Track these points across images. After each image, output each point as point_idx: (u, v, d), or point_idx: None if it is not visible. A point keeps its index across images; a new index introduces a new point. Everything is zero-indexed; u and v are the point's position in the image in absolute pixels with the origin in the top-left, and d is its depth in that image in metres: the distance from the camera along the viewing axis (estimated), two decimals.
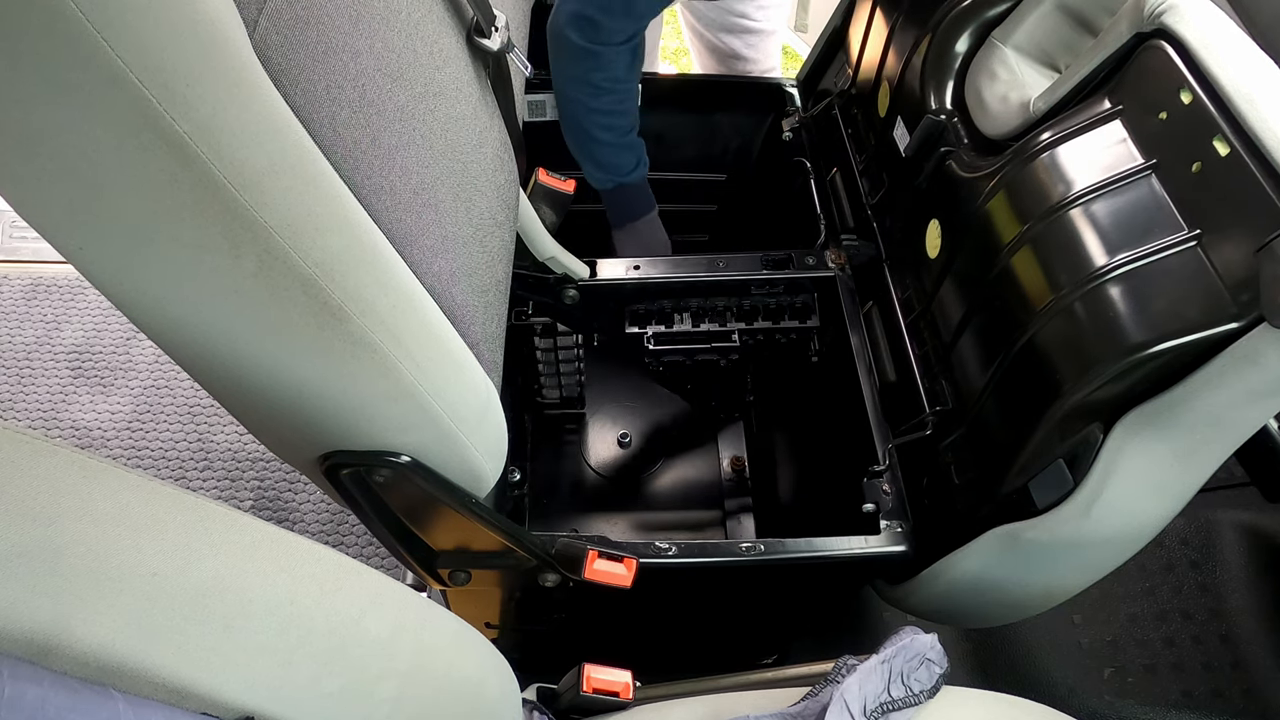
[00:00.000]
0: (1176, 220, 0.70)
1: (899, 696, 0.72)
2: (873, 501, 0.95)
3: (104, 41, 0.39)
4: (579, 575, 0.83)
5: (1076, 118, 0.79)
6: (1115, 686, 1.23)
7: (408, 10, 0.68)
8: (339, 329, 0.53)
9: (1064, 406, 0.73)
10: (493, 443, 0.73)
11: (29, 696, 0.30)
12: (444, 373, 0.64)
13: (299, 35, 0.53)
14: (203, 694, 0.40)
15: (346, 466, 0.64)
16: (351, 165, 0.56)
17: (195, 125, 0.43)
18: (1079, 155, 0.78)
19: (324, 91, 0.54)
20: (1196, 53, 0.69)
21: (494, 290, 0.79)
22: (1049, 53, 0.93)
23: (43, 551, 0.36)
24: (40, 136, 0.42)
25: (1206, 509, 1.32)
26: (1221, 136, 0.66)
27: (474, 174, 0.76)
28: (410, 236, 0.62)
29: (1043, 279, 0.78)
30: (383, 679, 0.52)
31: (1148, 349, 0.67)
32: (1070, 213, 0.76)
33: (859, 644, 0.86)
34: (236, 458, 1.55)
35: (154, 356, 1.65)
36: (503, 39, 0.82)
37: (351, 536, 1.48)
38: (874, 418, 0.99)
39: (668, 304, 1.11)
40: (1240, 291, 0.63)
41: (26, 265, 1.75)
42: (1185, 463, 0.72)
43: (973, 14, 0.96)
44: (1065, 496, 0.76)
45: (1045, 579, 0.86)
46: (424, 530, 0.78)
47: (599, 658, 0.79)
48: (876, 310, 1.06)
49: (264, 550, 0.47)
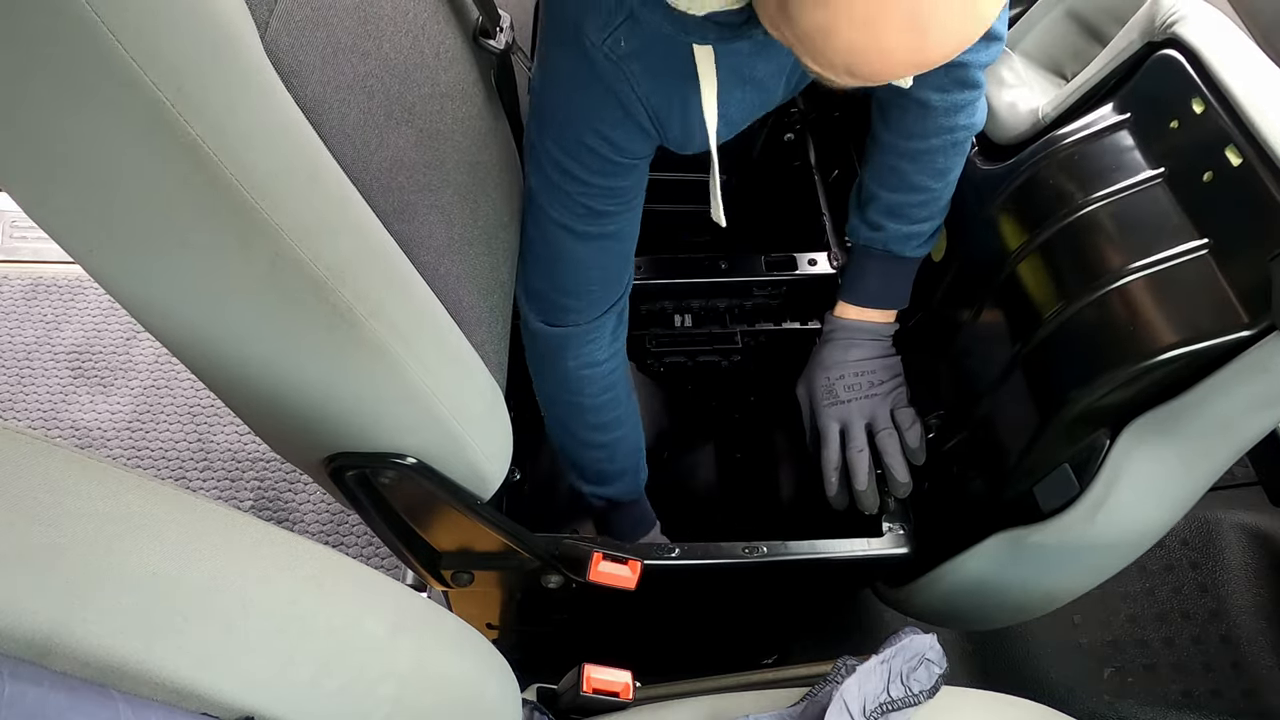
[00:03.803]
0: (1187, 228, 0.69)
1: (898, 697, 0.72)
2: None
3: (118, 43, 0.38)
4: (583, 577, 0.83)
5: (1086, 125, 0.79)
6: (1115, 686, 1.23)
7: (414, 11, 0.68)
8: (348, 331, 0.53)
9: (1072, 412, 0.73)
10: (498, 445, 0.73)
11: (29, 696, 0.30)
12: (451, 375, 0.64)
13: (308, 36, 0.53)
14: (203, 694, 0.40)
15: (352, 468, 0.64)
16: (360, 167, 0.56)
17: (208, 127, 0.42)
18: (1088, 162, 0.78)
19: (333, 93, 0.54)
20: (1208, 62, 0.69)
21: (500, 292, 0.79)
22: (1057, 60, 0.93)
23: (43, 551, 0.36)
24: (52, 139, 0.42)
25: (1207, 509, 1.32)
26: (1234, 146, 0.66)
27: (480, 175, 0.76)
28: (418, 238, 0.62)
29: (1051, 285, 0.78)
30: (382, 679, 0.52)
31: (1157, 356, 0.67)
32: (1080, 219, 0.76)
33: (859, 644, 0.86)
34: (236, 458, 1.55)
35: (154, 356, 1.65)
36: (507, 39, 0.82)
37: (352, 536, 1.48)
38: None
39: (669, 305, 1.11)
40: (1251, 300, 0.64)
41: (26, 265, 1.74)
42: (1191, 468, 0.72)
43: None
44: (1071, 501, 0.76)
45: (1048, 582, 0.86)
46: (428, 531, 0.78)
47: (599, 658, 0.79)
48: None
49: (264, 550, 0.47)
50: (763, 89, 0.76)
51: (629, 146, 0.75)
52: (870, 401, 0.94)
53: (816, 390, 0.96)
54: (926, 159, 0.87)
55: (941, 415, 0.93)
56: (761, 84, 0.76)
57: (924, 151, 0.86)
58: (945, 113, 0.84)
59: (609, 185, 0.78)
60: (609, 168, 0.76)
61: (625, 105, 0.72)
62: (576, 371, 0.88)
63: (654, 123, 0.74)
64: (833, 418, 0.95)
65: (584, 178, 0.77)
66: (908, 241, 0.91)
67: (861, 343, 0.96)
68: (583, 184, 0.77)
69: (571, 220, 0.80)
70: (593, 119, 0.73)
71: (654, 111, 0.73)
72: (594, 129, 0.74)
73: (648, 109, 0.72)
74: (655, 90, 0.71)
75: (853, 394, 0.95)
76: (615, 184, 0.78)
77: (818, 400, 0.96)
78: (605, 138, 0.74)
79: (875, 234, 0.92)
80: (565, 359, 0.88)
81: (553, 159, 0.77)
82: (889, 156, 0.89)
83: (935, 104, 0.83)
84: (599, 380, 0.90)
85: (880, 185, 0.90)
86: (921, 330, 0.99)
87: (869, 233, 0.93)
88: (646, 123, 0.73)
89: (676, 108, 0.73)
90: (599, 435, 0.93)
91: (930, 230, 0.92)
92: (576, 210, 0.79)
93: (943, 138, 0.85)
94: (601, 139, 0.74)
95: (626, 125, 0.73)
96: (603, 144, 0.74)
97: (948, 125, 0.84)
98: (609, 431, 0.94)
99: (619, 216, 0.82)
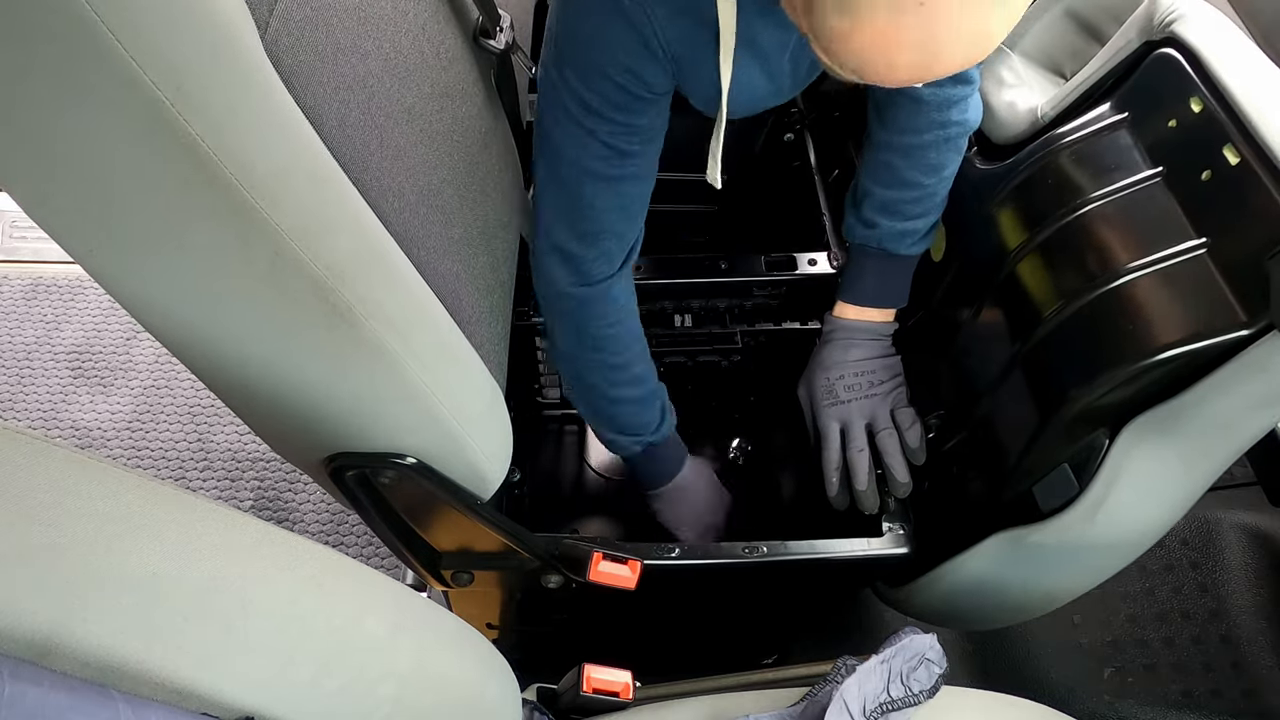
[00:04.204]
0: (1185, 227, 0.69)
1: (898, 696, 0.72)
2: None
3: (118, 43, 0.38)
4: (583, 577, 0.83)
5: (1084, 124, 0.79)
6: (1115, 686, 1.23)
7: (414, 11, 0.68)
8: (347, 331, 0.53)
9: (1071, 411, 0.73)
10: (498, 444, 0.73)
11: (29, 696, 0.30)
12: (450, 374, 0.64)
13: (308, 36, 0.53)
14: (203, 694, 0.40)
15: (352, 468, 0.64)
16: (360, 166, 0.56)
17: (208, 127, 0.42)
18: (1087, 162, 0.78)
19: (333, 93, 0.54)
20: (1207, 61, 0.69)
21: (499, 291, 0.79)
22: (1056, 59, 0.93)
23: (43, 551, 0.36)
24: (52, 138, 0.42)
25: (1206, 509, 1.32)
26: (1232, 145, 0.66)
27: (480, 175, 0.76)
28: (418, 238, 0.62)
29: (1050, 284, 0.78)
30: (382, 679, 0.52)
31: (1156, 355, 0.67)
32: (1078, 218, 0.76)
33: (859, 644, 0.86)
34: (236, 458, 1.55)
35: (154, 356, 1.65)
36: (507, 39, 0.82)
37: (351, 536, 1.48)
38: None
39: (669, 305, 1.11)
40: (1249, 299, 0.63)
41: (26, 265, 1.74)
42: (1191, 468, 0.72)
43: None
44: (1070, 501, 0.76)
45: (1048, 582, 0.86)
46: (428, 531, 0.78)
47: (599, 658, 0.79)
48: None
49: (264, 550, 0.47)
50: (765, 62, 0.76)
51: (651, 80, 0.74)
52: (870, 401, 0.94)
53: (816, 390, 0.96)
54: (919, 154, 0.87)
55: (941, 415, 0.93)
56: (765, 56, 0.75)
57: (916, 146, 0.86)
58: (937, 107, 0.84)
59: (629, 122, 0.77)
60: (630, 102, 0.75)
61: (646, 42, 0.72)
62: (601, 331, 0.88)
63: (672, 65, 0.74)
64: (833, 418, 0.95)
65: (604, 112, 0.76)
66: (903, 239, 0.91)
67: (861, 343, 0.96)
68: (603, 119, 0.76)
69: (591, 161, 0.79)
70: (615, 49, 0.72)
71: (673, 55, 0.73)
72: (616, 59, 0.73)
73: (666, 51, 0.72)
74: (676, 35, 0.71)
75: (853, 394, 0.95)
76: (635, 121, 0.77)
77: (818, 400, 0.96)
78: (628, 68, 0.73)
79: (870, 231, 0.92)
80: (590, 320, 0.87)
81: (573, 91, 0.75)
82: (882, 153, 0.89)
83: (927, 99, 0.83)
84: (624, 337, 0.89)
85: (874, 181, 0.91)
86: (921, 330, 0.99)
87: (864, 230, 0.93)
88: (666, 62, 0.73)
89: (694, 57, 0.73)
90: (630, 390, 0.93)
91: (925, 228, 0.91)
92: (596, 151, 0.78)
93: (935, 133, 0.85)
94: (623, 70, 0.73)
95: (646, 58, 0.73)
96: (624, 74, 0.73)
97: (940, 120, 0.84)
98: (640, 385, 0.93)
99: (638, 158, 0.80)
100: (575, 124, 0.77)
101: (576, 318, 0.87)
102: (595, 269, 0.85)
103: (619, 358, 0.90)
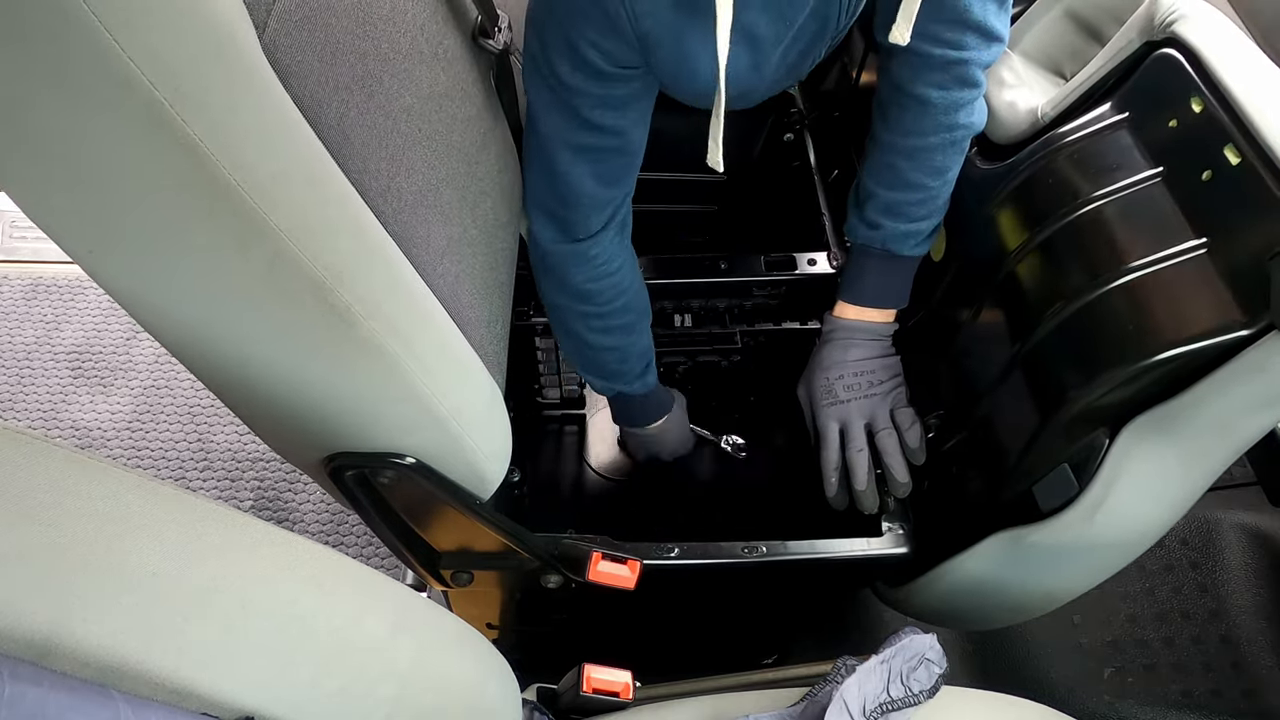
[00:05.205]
0: (1185, 227, 0.69)
1: (898, 696, 0.72)
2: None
3: (116, 43, 0.38)
4: (582, 577, 0.83)
5: (1085, 124, 0.79)
6: (1115, 686, 1.23)
7: (413, 11, 0.68)
8: (346, 331, 0.53)
9: (1071, 411, 0.73)
10: (497, 444, 0.73)
11: (29, 696, 0.30)
12: (450, 375, 0.64)
13: (307, 36, 0.53)
14: (203, 694, 0.40)
15: (351, 468, 0.64)
16: (359, 167, 0.56)
17: (207, 127, 0.42)
18: (1087, 162, 0.78)
19: (332, 93, 0.54)
20: (1208, 61, 0.69)
21: (499, 292, 0.79)
22: (1056, 60, 0.93)
23: (43, 551, 0.36)
24: (51, 139, 0.41)
25: (1206, 509, 1.32)
26: (1233, 145, 0.66)
27: (479, 175, 0.76)
28: (417, 239, 0.62)
29: (1050, 284, 0.78)
30: (382, 679, 0.52)
31: (1156, 355, 0.67)
32: (1078, 218, 0.76)
33: (859, 644, 0.86)
34: (236, 458, 1.55)
35: (154, 356, 1.65)
36: (506, 39, 0.82)
37: (351, 536, 1.48)
38: None
39: (669, 305, 1.11)
40: (1249, 299, 0.63)
41: (26, 265, 1.75)
42: (1191, 468, 0.72)
43: None
44: (1070, 501, 0.76)
45: (1047, 582, 0.86)
46: (427, 531, 0.78)
47: (599, 658, 0.79)
48: None
49: (264, 550, 0.47)
50: (756, 51, 0.75)
51: (619, 56, 0.74)
52: (870, 401, 0.94)
53: (816, 390, 0.96)
54: (924, 156, 0.87)
55: (941, 415, 0.93)
56: (758, 45, 0.75)
57: (922, 149, 0.86)
58: (944, 110, 0.84)
59: (602, 94, 0.77)
60: (597, 75, 0.75)
61: (613, 20, 0.71)
62: (583, 285, 0.89)
63: (638, 42, 0.73)
64: (832, 418, 0.95)
65: (573, 84, 0.76)
66: (905, 240, 0.91)
67: (861, 343, 0.96)
68: (574, 91, 0.76)
69: (564, 131, 0.79)
70: (581, 23, 0.72)
71: (641, 33, 0.72)
72: (584, 34, 0.73)
73: (635, 28, 0.71)
74: (645, 10, 0.70)
75: (852, 394, 0.95)
76: (609, 92, 0.77)
77: (817, 400, 0.96)
78: (593, 44, 0.73)
79: (873, 232, 0.92)
80: (570, 274, 0.88)
81: (547, 60, 0.76)
82: (887, 154, 0.89)
83: (935, 101, 0.83)
84: (606, 291, 0.90)
85: (878, 183, 0.90)
86: (921, 330, 0.99)
87: (867, 231, 0.93)
88: (633, 39, 0.72)
89: (664, 36, 0.72)
90: (608, 339, 0.94)
91: (928, 229, 0.91)
92: (568, 121, 0.79)
93: (941, 135, 0.85)
94: (589, 45, 0.73)
95: (611, 33, 0.72)
96: (591, 50, 0.73)
97: (946, 123, 0.84)
98: (623, 335, 0.95)
99: (612, 131, 0.80)
100: (550, 93, 0.78)
101: (558, 272, 0.89)
102: (576, 229, 0.87)
103: (600, 309, 0.92)
